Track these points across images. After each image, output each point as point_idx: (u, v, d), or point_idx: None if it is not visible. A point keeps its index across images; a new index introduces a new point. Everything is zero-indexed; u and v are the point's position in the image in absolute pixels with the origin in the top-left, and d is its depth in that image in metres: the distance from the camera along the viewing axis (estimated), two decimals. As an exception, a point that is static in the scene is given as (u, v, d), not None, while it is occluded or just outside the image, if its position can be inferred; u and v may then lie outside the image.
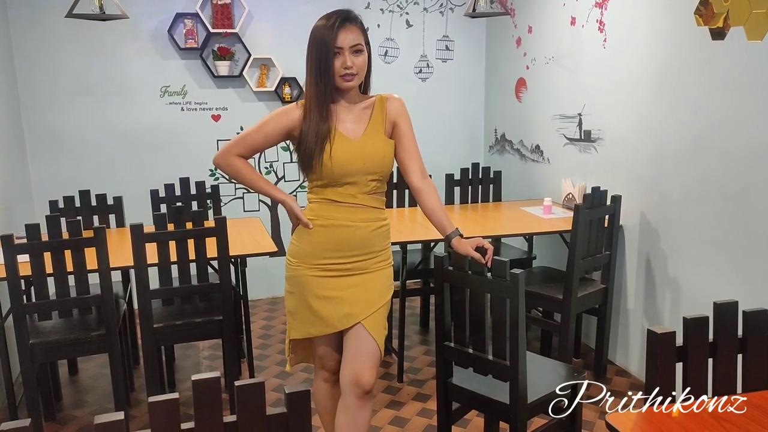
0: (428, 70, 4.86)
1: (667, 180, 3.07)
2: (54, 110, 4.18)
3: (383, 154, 2.11)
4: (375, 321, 2.13)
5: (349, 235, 2.09)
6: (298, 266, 2.15)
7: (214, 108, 4.48)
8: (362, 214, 2.10)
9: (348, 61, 2.00)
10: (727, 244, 2.74)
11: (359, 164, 2.06)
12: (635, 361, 3.41)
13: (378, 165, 2.09)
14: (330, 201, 2.10)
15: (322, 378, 2.31)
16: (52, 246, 2.62)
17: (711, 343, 1.49)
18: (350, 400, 2.14)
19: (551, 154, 4.11)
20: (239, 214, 4.59)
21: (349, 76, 2.02)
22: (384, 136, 2.13)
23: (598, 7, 3.50)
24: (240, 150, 2.16)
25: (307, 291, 2.14)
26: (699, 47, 2.80)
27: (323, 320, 2.13)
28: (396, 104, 2.15)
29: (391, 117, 2.14)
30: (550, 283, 3.32)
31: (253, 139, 2.15)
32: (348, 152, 2.04)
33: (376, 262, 2.15)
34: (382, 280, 2.18)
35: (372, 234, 2.12)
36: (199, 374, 1.16)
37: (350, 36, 2.01)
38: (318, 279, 2.12)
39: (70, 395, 3.35)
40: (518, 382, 2.07)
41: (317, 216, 2.11)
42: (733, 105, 2.66)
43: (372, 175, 2.09)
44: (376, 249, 2.15)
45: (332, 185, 2.08)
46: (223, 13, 4.28)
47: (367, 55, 2.08)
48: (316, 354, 2.26)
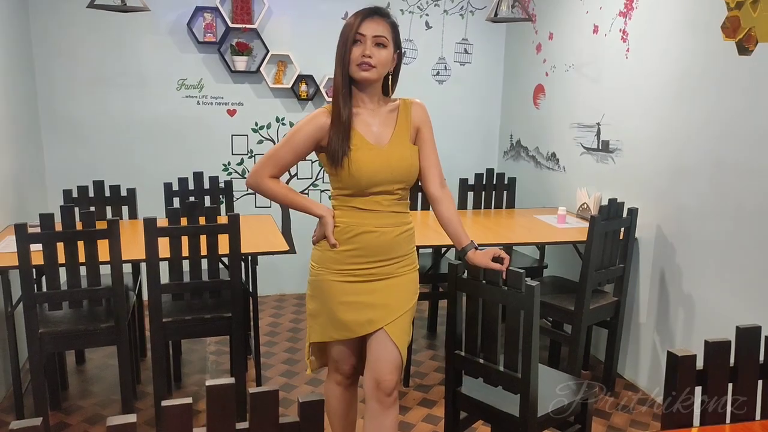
0: (446, 72, 4.84)
1: (685, 194, 3.04)
2: (70, 100, 4.19)
3: (410, 163, 2.07)
4: (397, 327, 2.10)
5: (373, 240, 2.06)
6: (320, 271, 2.12)
7: (230, 103, 4.47)
8: (387, 220, 2.07)
9: (367, 49, 1.95)
10: (744, 263, 2.70)
11: (386, 174, 2.02)
12: (644, 375, 3.37)
13: (405, 174, 2.06)
14: (355, 208, 2.07)
15: (334, 381, 2.28)
16: (65, 236, 2.61)
17: (732, 368, 1.46)
18: (373, 406, 2.13)
19: (567, 162, 4.07)
20: (251, 209, 4.58)
21: (365, 65, 1.96)
22: (410, 143, 2.09)
23: (622, 17, 3.47)
24: (270, 170, 2.10)
25: (330, 296, 2.11)
26: (724, 61, 2.77)
27: (345, 325, 2.11)
28: (420, 110, 2.13)
29: (415, 123, 2.11)
30: (562, 294, 3.29)
31: (281, 156, 2.08)
32: (374, 162, 2.01)
33: (400, 266, 2.12)
34: (406, 285, 2.14)
35: (397, 239, 2.09)
36: (213, 380, 1.15)
37: (375, 26, 1.96)
38: (341, 284, 2.09)
39: (76, 385, 3.35)
40: (529, 395, 2.05)
41: (343, 224, 2.07)
42: (755, 121, 2.62)
43: (399, 184, 2.06)
44: (401, 254, 2.11)
45: (359, 195, 2.04)
46: (243, 8, 4.28)
47: (395, 54, 2.04)
48: (330, 356, 2.23)
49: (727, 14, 2.74)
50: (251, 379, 3.31)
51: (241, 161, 4.56)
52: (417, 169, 2.10)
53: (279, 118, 4.57)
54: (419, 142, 2.13)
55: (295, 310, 4.48)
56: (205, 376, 3.47)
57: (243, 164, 4.57)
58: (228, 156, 4.53)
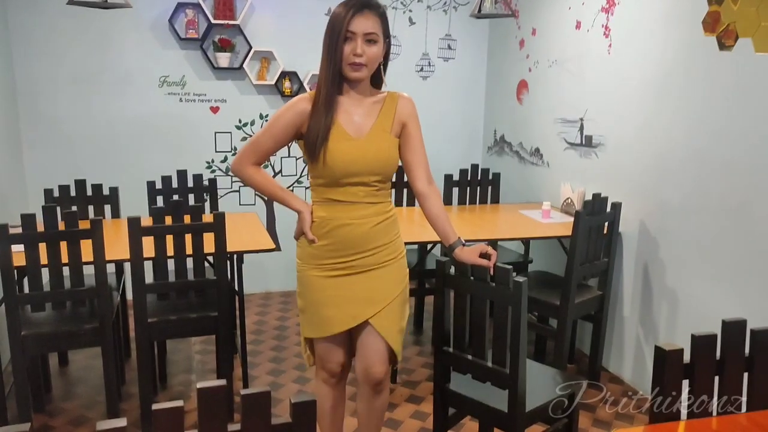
0: (429, 68, 4.84)
1: (668, 189, 3.07)
2: (51, 98, 4.13)
3: (388, 155, 2.05)
4: (383, 318, 2.10)
5: (348, 233, 2.05)
6: (303, 267, 2.14)
7: (213, 100, 4.44)
8: (363, 211, 2.05)
9: (359, 48, 1.93)
10: (725, 257, 2.74)
11: (362, 165, 2.01)
12: (629, 368, 3.41)
13: (381, 166, 2.05)
14: (330, 201, 2.06)
15: (321, 378, 2.28)
16: (47, 237, 2.57)
17: (718, 361, 1.48)
18: (365, 389, 2.22)
19: (551, 157, 4.10)
20: (235, 207, 4.56)
21: (357, 65, 1.95)
22: (390, 135, 2.07)
23: (604, 12, 3.49)
24: (253, 158, 2.09)
25: (312, 292, 2.12)
26: (705, 57, 2.79)
27: (327, 321, 2.11)
28: (407, 104, 2.11)
29: (401, 117, 2.09)
30: (547, 289, 3.31)
31: (262, 143, 2.08)
32: (350, 153, 1.99)
33: (382, 256, 2.10)
34: (391, 274, 2.13)
35: (374, 229, 2.07)
36: (203, 381, 1.14)
37: (366, 23, 1.93)
38: (322, 279, 2.10)
39: (60, 387, 3.31)
40: (517, 390, 2.06)
41: (319, 219, 2.07)
42: (736, 117, 2.66)
43: (375, 176, 2.05)
44: (381, 243, 2.09)
45: (334, 185, 2.04)
46: (225, 4, 4.24)
47: (384, 47, 2.02)
48: (316, 352, 2.23)
49: (708, 9, 2.76)
50: (238, 378, 3.30)
51: (225, 159, 4.53)
52: (395, 162, 2.10)
53: (263, 114, 4.54)
54: (405, 137, 2.11)
55: (281, 308, 4.46)
56: (191, 376, 3.45)
57: (227, 162, 4.54)
58: (212, 153, 4.50)
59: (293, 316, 4.30)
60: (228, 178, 4.54)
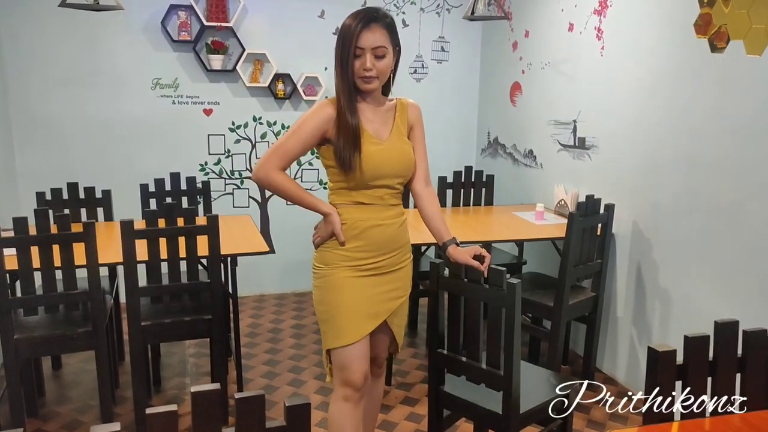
0: (423, 70, 4.84)
1: (660, 190, 3.08)
2: (43, 100, 4.11)
3: (410, 158, 2.13)
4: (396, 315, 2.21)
5: (380, 234, 2.09)
6: (330, 270, 2.10)
7: (206, 102, 4.43)
8: (390, 212, 2.12)
9: (368, 63, 1.96)
10: (718, 256, 2.76)
11: (388, 168, 2.06)
12: (622, 369, 3.42)
13: (405, 168, 2.11)
14: (358, 204, 2.08)
15: (343, 397, 2.13)
16: (40, 240, 2.56)
17: (710, 362, 1.49)
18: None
19: (544, 159, 4.11)
20: (229, 210, 4.54)
21: (368, 78, 1.99)
22: (407, 139, 2.16)
23: (596, 15, 3.50)
24: (278, 162, 2.06)
25: (344, 293, 2.08)
26: (697, 59, 2.81)
27: (360, 323, 2.09)
28: (416, 110, 2.20)
29: (410, 121, 2.18)
30: (541, 290, 3.32)
31: (290, 146, 2.05)
32: (380, 156, 2.04)
33: (401, 257, 2.18)
34: (406, 276, 2.22)
35: (398, 231, 2.15)
36: (197, 385, 1.14)
37: (373, 37, 1.95)
38: (354, 279, 2.09)
39: (53, 391, 3.30)
40: (512, 392, 2.06)
41: (349, 220, 2.08)
42: (727, 118, 2.67)
43: (399, 178, 2.11)
44: (400, 244, 2.17)
45: (361, 188, 2.06)
46: (218, 6, 4.23)
47: (395, 56, 2.05)
48: (340, 366, 2.11)
49: (699, 11, 2.78)
50: (232, 381, 3.29)
51: (218, 161, 4.52)
52: (414, 165, 2.16)
53: (256, 117, 4.54)
54: (411, 140, 2.19)
55: (275, 311, 4.45)
56: (185, 380, 3.44)
57: (220, 164, 4.53)
58: (205, 156, 4.49)
59: (288, 319, 4.29)
60: (222, 180, 4.53)
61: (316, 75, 4.48)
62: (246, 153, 4.55)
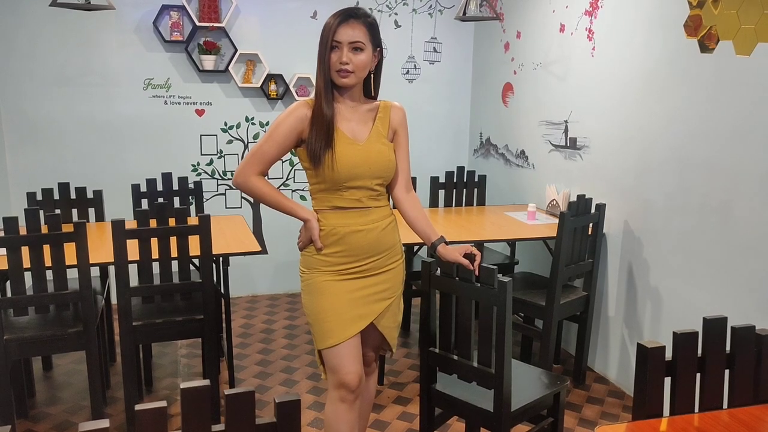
0: (415, 71, 4.85)
1: (651, 190, 3.10)
2: (33, 100, 4.09)
3: (388, 158, 2.09)
4: (384, 317, 2.18)
5: (361, 239, 2.06)
6: (312, 274, 2.11)
7: (198, 102, 4.42)
8: (370, 216, 2.09)
9: (344, 56, 1.96)
10: (708, 255, 2.77)
11: (365, 168, 2.03)
12: (614, 368, 3.43)
13: (383, 169, 2.08)
14: (336, 208, 2.07)
15: (338, 398, 2.12)
16: (30, 240, 2.55)
17: (699, 359, 1.50)
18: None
19: (536, 159, 4.12)
20: (221, 210, 4.54)
21: (344, 72, 1.98)
22: (387, 141, 2.12)
23: (587, 15, 3.52)
24: (257, 168, 2.06)
25: (326, 297, 2.08)
26: (687, 59, 2.83)
27: (344, 325, 2.08)
28: (400, 113, 2.17)
29: (393, 124, 2.15)
30: (533, 290, 3.33)
31: (265, 151, 2.05)
32: (353, 156, 2.01)
33: (389, 259, 2.15)
34: (396, 277, 2.19)
35: (382, 234, 2.11)
36: (187, 382, 1.14)
37: (350, 32, 1.96)
38: (334, 283, 2.08)
39: (43, 392, 3.28)
40: (503, 390, 2.07)
41: (328, 226, 2.07)
42: (717, 118, 2.69)
43: (377, 179, 2.08)
44: (388, 246, 2.14)
45: (337, 190, 2.04)
46: (210, 6, 4.23)
47: (376, 56, 2.05)
48: (333, 367, 2.10)
49: (689, 13, 2.80)
50: (224, 381, 3.28)
51: (211, 161, 4.52)
52: (394, 166, 2.13)
53: (248, 117, 4.53)
54: (394, 143, 2.16)
55: (267, 311, 4.45)
56: (177, 380, 3.43)
57: (212, 164, 4.52)
58: (197, 156, 4.48)
59: (280, 320, 4.29)
60: (214, 181, 4.53)
61: (308, 75, 4.48)
62: (238, 153, 4.55)
